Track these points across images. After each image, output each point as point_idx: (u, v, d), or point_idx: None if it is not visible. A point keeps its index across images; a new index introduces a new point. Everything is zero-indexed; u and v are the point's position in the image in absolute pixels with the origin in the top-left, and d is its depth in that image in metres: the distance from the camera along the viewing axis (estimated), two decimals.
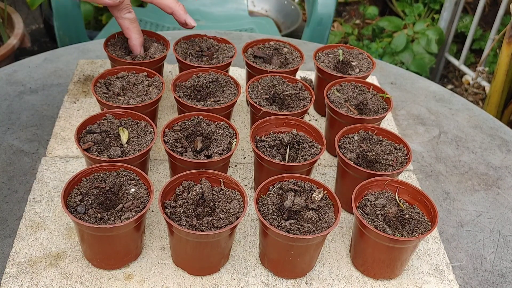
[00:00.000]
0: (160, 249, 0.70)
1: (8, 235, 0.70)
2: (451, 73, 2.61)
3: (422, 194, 0.70)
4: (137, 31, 0.87)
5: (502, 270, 0.74)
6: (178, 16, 0.88)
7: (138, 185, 0.67)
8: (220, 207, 0.65)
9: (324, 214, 0.66)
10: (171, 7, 0.87)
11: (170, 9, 0.87)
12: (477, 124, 1.02)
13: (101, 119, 0.76)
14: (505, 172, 0.91)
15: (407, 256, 0.68)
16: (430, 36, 2.32)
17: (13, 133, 0.87)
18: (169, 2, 0.87)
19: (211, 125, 0.78)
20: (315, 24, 1.56)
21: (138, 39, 0.88)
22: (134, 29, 0.87)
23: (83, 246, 0.66)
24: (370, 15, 2.67)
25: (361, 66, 0.95)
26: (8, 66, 1.03)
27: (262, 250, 0.68)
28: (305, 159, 0.74)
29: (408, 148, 0.77)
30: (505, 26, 2.18)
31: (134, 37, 0.87)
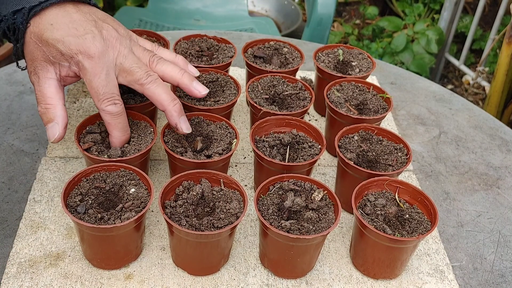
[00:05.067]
0: (160, 249, 0.70)
1: (8, 235, 0.70)
2: (451, 73, 2.61)
3: (422, 194, 0.70)
4: (120, 128, 0.71)
5: (502, 270, 0.74)
6: (169, 118, 0.72)
7: (138, 185, 0.67)
8: (220, 207, 0.65)
9: (324, 214, 0.66)
10: (163, 105, 0.71)
11: (163, 107, 0.71)
12: (477, 124, 1.02)
13: (101, 119, 0.76)
14: (505, 172, 0.91)
15: (407, 256, 0.68)
16: (430, 36, 2.32)
17: (13, 133, 0.87)
18: (162, 98, 0.71)
19: (211, 125, 0.78)
20: (315, 24, 1.56)
21: (119, 138, 0.71)
22: (116, 126, 0.71)
23: (83, 246, 0.66)
24: (370, 15, 2.67)
25: (361, 66, 0.95)
26: (8, 66, 1.03)
27: (262, 250, 0.68)
28: (305, 159, 0.74)
29: (408, 148, 0.77)
30: (505, 26, 2.18)
31: (115, 135, 0.71)
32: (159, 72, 0.73)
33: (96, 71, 0.68)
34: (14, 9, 0.69)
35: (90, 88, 0.69)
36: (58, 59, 0.68)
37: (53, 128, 0.69)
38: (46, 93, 0.69)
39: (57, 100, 0.69)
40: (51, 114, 0.69)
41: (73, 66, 0.69)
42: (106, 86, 0.69)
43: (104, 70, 0.68)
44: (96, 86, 0.68)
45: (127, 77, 0.70)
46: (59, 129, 0.69)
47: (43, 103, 0.69)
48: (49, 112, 0.69)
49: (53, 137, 0.69)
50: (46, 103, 0.69)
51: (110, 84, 0.69)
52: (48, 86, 0.69)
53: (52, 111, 0.69)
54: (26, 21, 0.68)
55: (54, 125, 0.69)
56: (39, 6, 0.68)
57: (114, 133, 0.71)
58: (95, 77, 0.68)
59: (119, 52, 0.70)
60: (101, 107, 0.69)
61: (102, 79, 0.68)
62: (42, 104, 0.69)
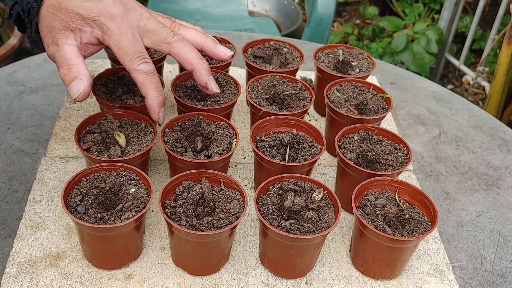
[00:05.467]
0: (160, 249, 0.70)
1: (8, 235, 0.70)
2: (451, 73, 2.61)
3: (422, 194, 0.70)
4: (154, 88, 0.68)
5: (502, 270, 0.74)
6: (198, 76, 0.71)
7: (138, 185, 0.67)
8: (220, 207, 0.65)
9: (324, 214, 0.66)
10: (192, 64, 0.70)
11: (191, 66, 0.70)
12: (477, 124, 1.02)
13: (101, 119, 0.76)
14: (505, 172, 0.91)
15: (407, 256, 0.68)
16: (430, 36, 2.32)
17: (13, 133, 0.87)
18: (191, 56, 0.69)
19: (211, 125, 0.78)
20: (315, 24, 1.56)
21: (156, 98, 0.69)
22: (151, 85, 0.68)
23: (83, 246, 0.66)
24: (370, 15, 2.67)
25: (361, 66, 0.95)
26: (8, 66, 1.03)
27: (262, 250, 0.68)
28: (305, 159, 0.74)
29: (408, 148, 0.77)
30: (505, 26, 2.18)
31: (151, 96, 0.68)
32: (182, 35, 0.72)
33: (122, 30, 0.66)
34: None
35: (118, 49, 0.66)
36: (79, 24, 0.66)
37: (77, 84, 0.66)
38: (67, 56, 0.66)
39: (79, 61, 0.66)
40: (75, 72, 0.66)
41: (96, 30, 0.67)
42: (134, 44, 0.67)
43: (129, 30, 0.67)
44: (125, 46, 0.66)
45: (152, 37, 0.69)
46: (84, 84, 0.66)
47: (65, 64, 0.66)
48: (72, 71, 0.66)
49: (77, 92, 0.66)
50: (69, 64, 0.66)
51: (138, 43, 0.67)
52: (68, 50, 0.66)
53: (75, 69, 0.66)
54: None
55: (79, 82, 0.66)
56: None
57: (150, 94, 0.68)
58: (122, 36, 0.66)
59: (141, 14, 0.69)
60: (133, 67, 0.67)
61: (129, 38, 0.66)
62: (65, 66, 0.66)
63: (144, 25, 0.68)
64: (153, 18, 0.69)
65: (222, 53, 0.74)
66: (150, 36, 0.69)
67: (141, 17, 0.69)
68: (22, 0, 0.68)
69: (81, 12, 0.66)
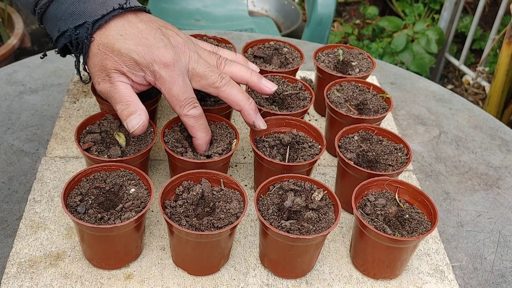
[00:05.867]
0: (160, 249, 0.70)
1: (8, 235, 0.70)
2: (451, 73, 2.61)
3: (422, 194, 0.70)
4: (203, 129, 0.72)
5: (502, 270, 0.74)
6: (246, 116, 0.73)
7: (138, 185, 0.67)
8: (220, 207, 0.65)
9: (324, 214, 0.66)
10: (240, 105, 0.72)
11: (239, 107, 0.72)
12: (477, 124, 1.02)
13: (101, 119, 0.76)
14: (505, 172, 0.91)
15: (407, 256, 0.68)
16: (430, 36, 2.32)
17: (13, 133, 0.87)
18: (238, 98, 0.72)
19: (211, 125, 0.78)
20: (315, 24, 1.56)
21: (204, 138, 0.72)
22: (199, 127, 0.71)
23: (83, 246, 0.66)
24: (370, 15, 2.67)
25: (361, 66, 0.95)
26: (8, 66, 1.03)
27: (262, 250, 0.68)
28: (305, 159, 0.74)
29: (408, 148, 0.77)
30: (505, 26, 2.18)
31: (200, 136, 0.72)
32: (228, 73, 0.74)
33: (173, 78, 0.69)
34: (76, 24, 0.69)
35: (170, 96, 0.69)
36: (132, 68, 0.68)
37: (136, 118, 0.68)
38: (124, 93, 0.69)
39: (135, 98, 0.69)
40: (133, 107, 0.68)
41: (149, 76, 0.69)
42: (185, 92, 0.70)
43: (180, 77, 0.69)
44: (176, 93, 0.69)
45: (200, 81, 0.71)
46: (143, 118, 0.68)
47: (123, 100, 0.68)
48: (130, 106, 0.68)
49: (136, 125, 0.68)
50: (127, 100, 0.68)
51: (188, 89, 0.70)
52: (124, 88, 0.69)
53: (133, 105, 0.68)
54: (90, 34, 0.69)
55: (137, 116, 0.68)
56: (102, 19, 0.69)
57: (198, 135, 0.72)
58: (174, 84, 0.69)
59: (189, 58, 0.71)
60: (183, 113, 0.70)
61: (180, 86, 0.69)
62: (122, 102, 0.68)
63: (193, 69, 0.71)
64: (201, 61, 0.72)
65: (267, 88, 0.77)
66: (199, 80, 0.71)
67: (190, 61, 0.71)
68: (70, 34, 0.70)
69: (134, 57, 0.68)
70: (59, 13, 0.71)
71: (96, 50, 0.69)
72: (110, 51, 0.68)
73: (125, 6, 0.70)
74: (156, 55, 0.68)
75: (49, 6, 0.72)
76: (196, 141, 0.72)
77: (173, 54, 0.69)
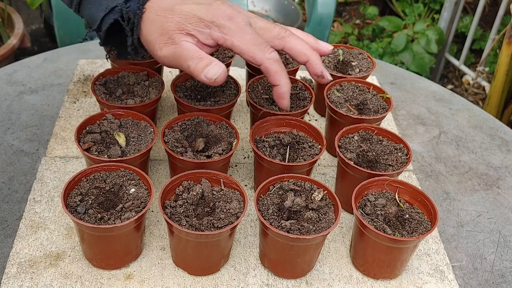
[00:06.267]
0: (160, 249, 0.70)
1: (8, 235, 0.70)
2: (451, 73, 2.61)
3: (422, 194, 0.70)
4: (286, 75, 0.68)
5: (502, 270, 0.74)
6: (313, 67, 0.71)
7: (138, 185, 0.67)
8: (220, 207, 0.65)
9: (324, 214, 0.66)
10: (306, 55, 0.70)
11: (306, 57, 0.70)
12: (477, 124, 1.02)
13: (101, 119, 0.76)
14: (505, 172, 0.91)
15: (407, 256, 0.68)
16: (430, 36, 2.32)
17: (13, 133, 0.87)
18: (304, 48, 0.70)
19: (211, 125, 0.78)
20: (315, 24, 1.56)
21: (288, 84, 0.69)
22: (283, 72, 0.68)
23: (83, 246, 0.66)
24: (370, 15, 2.67)
25: (361, 66, 0.95)
26: (8, 66, 1.03)
27: (262, 250, 0.68)
28: (305, 159, 0.74)
29: (408, 148, 0.77)
30: (505, 26, 2.18)
31: (285, 82, 0.68)
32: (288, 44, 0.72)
33: (242, 27, 0.67)
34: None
35: (245, 44, 0.67)
36: (197, 26, 0.67)
37: (213, 67, 0.66)
38: (192, 48, 0.67)
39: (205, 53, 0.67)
40: (207, 59, 0.66)
41: (215, 32, 0.67)
42: (257, 37, 0.68)
43: (247, 25, 0.68)
44: (252, 40, 0.67)
45: (265, 34, 0.69)
46: (222, 65, 0.66)
47: (194, 56, 0.66)
48: (204, 59, 0.66)
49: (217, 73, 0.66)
50: (198, 55, 0.66)
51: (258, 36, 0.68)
52: (191, 45, 0.67)
53: (207, 57, 0.66)
54: (142, 4, 0.68)
55: (214, 65, 0.66)
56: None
57: (284, 81, 0.68)
58: (245, 33, 0.67)
59: (247, 14, 0.70)
60: (266, 57, 0.67)
61: (251, 32, 0.67)
62: (194, 57, 0.66)
63: (255, 22, 0.70)
64: (259, 18, 0.71)
65: (324, 48, 0.75)
66: (263, 33, 0.69)
67: (249, 17, 0.70)
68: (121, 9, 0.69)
69: (198, 14, 0.67)
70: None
71: (153, 16, 0.68)
72: (171, 13, 0.67)
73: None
74: (218, 11, 0.67)
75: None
76: (281, 89, 0.69)
77: (231, 8, 0.68)
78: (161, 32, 0.68)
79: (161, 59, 0.69)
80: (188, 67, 0.67)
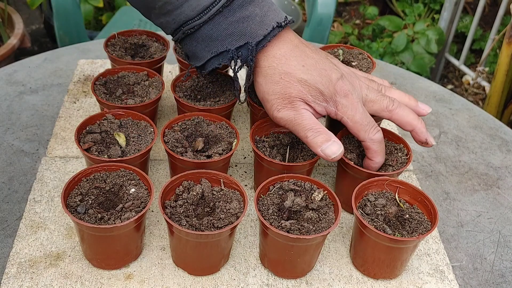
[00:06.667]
0: (160, 249, 0.70)
1: (8, 235, 0.70)
2: (451, 73, 2.61)
3: (422, 194, 0.70)
4: (383, 154, 0.73)
5: (502, 270, 0.74)
6: (419, 135, 0.74)
7: (138, 185, 0.67)
8: (220, 207, 0.65)
9: (324, 214, 0.66)
10: (412, 125, 0.74)
11: (411, 127, 0.74)
12: (477, 124, 1.02)
13: (101, 119, 0.76)
14: (505, 172, 0.91)
15: (407, 256, 0.68)
16: (430, 36, 2.32)
17: (13, 133, 0.87)
18: (410, 118, 0.74)
19: (211, 125, 0.78)
20: (315, 24, 1.56)
21: (381, 163, 0.74)
22: (382, 152, 0.73)
23: (83, 246, 0.66)
24: (370, 15, 2.67)
25: (361, 66, 0.95)
26: (8, 66, 1.03)
27: (262, 250, 0.68)
28: (305, 159, 0.74)
29: (408, 148, 0.77)
30: (505, 26, 2.18)
31: (379, 161, 0.73)
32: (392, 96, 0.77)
33: (354, 106, 0.71)
34: (237, 45, 0.70)
35: (354, 122, 0.71)
36: (317, 98, 0.70)
37: (333, 145, 0.69)
38: (311, 120, 0.70)
39: (323, 126, 0.70)
40: (326, 134, 0.69)
41: (331, 107, 0.71)
42: (366, 116, 0.72)
43: (359, 103, 0.71)
44: (360, 119, 0.71)
45: (373, 106, 0.74)
46: (340, 144, 0.70)
47: (314, 128, 0.69)
48: (324, 133, 0.69)
49: (336, 152, 0.69)
50: (317, 128, 0.70)
51: (367, 114, 0.72)
52: (310, 115, 0.70)
53: (326, 132, 0.70)
54: (254, 56, 0.70)
55: (333, 143, 0.69)
56: (264, 40, 0.69)
57: (378, 159, 0.73)
58: (356, 111, 0.71)
59: (360, 87, 0.73)
60: (369, 137, 0.71)
61: (361, 112, 0.71)
62: (313, 129, 0.69)
63: (366, 95, 0.73)
64: (371, 88, 0.74)
65: (423, 110, 0.78)
66: (372, 105, 0.74)
67: (361, 88, 0.74)
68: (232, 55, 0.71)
69: (320, 88, 0.70)
70: (214, 34, 0.70)
71: (277, 78, 0.70)
72: (295, 81, 0.69)
73: (283, 24, 0.70)
74: (338, 86, 0.70)
75: (201, 27, 0.71)
76: (372, 164, 0.73)
77: (349, 84, 0.71)
78: (282, 96, 0.70)
79: (277, 119, 0.72)
80: (306, 137, 0.70)
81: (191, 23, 0.70)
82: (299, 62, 0.70)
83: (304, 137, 0.70)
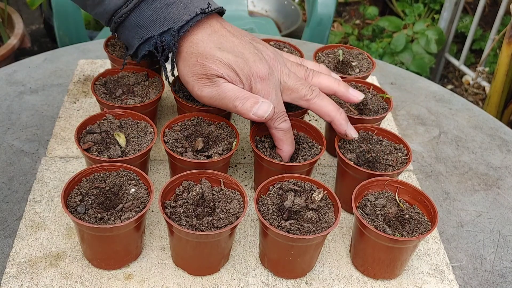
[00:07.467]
0: (160, 249, 0.70)
1: (8, 235, 0.70)
2: (451, 73, 2.62)
3: (422, 194, 0.70)
4: (290, 142, 0.73)
5: (502, 270, 0.74)
6: (338, 127, 0.74)
7: (138, 185, 0.67)
8: (220, 207, 0.65)
9: (324, 214, 0.66)
10: (331, 116, 0.74)
11: (330, 118, 0.74)
12: (477, 124, 1.02)
13: (101, 119, 0.76)
14: (505, 172, 0.91)
15: (407, 256, 0.68)
16: (430, 36, 2.32)
17: (13, 133, 0.87)
18: (329, 109, 0.74)
19: (211, 125, 0.78)
20: (315, 24, 1.56)
21: (289, 152, 0.74)
22: (287, 141, 0.73)
23: (83, 246, 0.66)
24: (370, 15, 2.67)
25: (361, 66, 0.95)
26: (8, 66, 1.03)
27: (262, 250, 0.68)
28: (305, 159, 0.74)
29: (408, 148, 0.77)
30: (505, 26, 2.18)
31: (286, 149, 0.73)
32: (316, 84, 0.76)
33: (268, 91, 0.71)
34: (160, 31, 0.71)
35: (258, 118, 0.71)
36: (233, 78, 0.70)
37: (262, 105, 0.69)
38: (235, 89, 0.70)
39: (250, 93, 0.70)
40: (254, 98, 0.69)
41: (246, 88, 0.71)
42: (277, 105, 0.71)
43: (273, 90, 0.71)
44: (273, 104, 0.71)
45: (291, 94, 0.73)
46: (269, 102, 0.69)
47: (239, 96, 0.69)
48: (250, 98, 0.69)
49: (267, 110, 0.69)
50: (243, 95, 0.69)
51: (280, 102, 0.72)
52: (233, 86, 0.70)
53: (252, 97, 0.69)
54: (177, 41, 0.71)
55: (262, 103, 0.69)
56: (187, 25, 0.70)
57: (285, 148, 0.73)
58: (268, 97, 0.71)
59: (281, 71, 0.73)
60: (274, 126, 0.72)
61: (273, 99, 0.71)
62: (239, 97, 0.69)
63: (284, 82, 0.73)
64: (292, 74, 0.74)
65: (354, 97, 0.78)
66: (290, 93, 0.73)
67: (281, 74, 0.73)
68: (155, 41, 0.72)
69: (235, 68, 0.70)
70: (140, 21, 0.72)
71: (194, 61, 0.71)
72: (211, 61, 0.70)
73: (207, 10, 0.71)
74: (253, 69, 0.70)
75: (129, 15, 0.73)
76: (281, 153, 0.74)
77: (267, 68, 0.71)
78: (200, 76, 0.71)
79: (203, 100, 0.72)
80: (235, 107, 0.70)
81: (120, 12, 0.73)
82: (216, 44, 0.71)
83: (233, 108, 0.70)
